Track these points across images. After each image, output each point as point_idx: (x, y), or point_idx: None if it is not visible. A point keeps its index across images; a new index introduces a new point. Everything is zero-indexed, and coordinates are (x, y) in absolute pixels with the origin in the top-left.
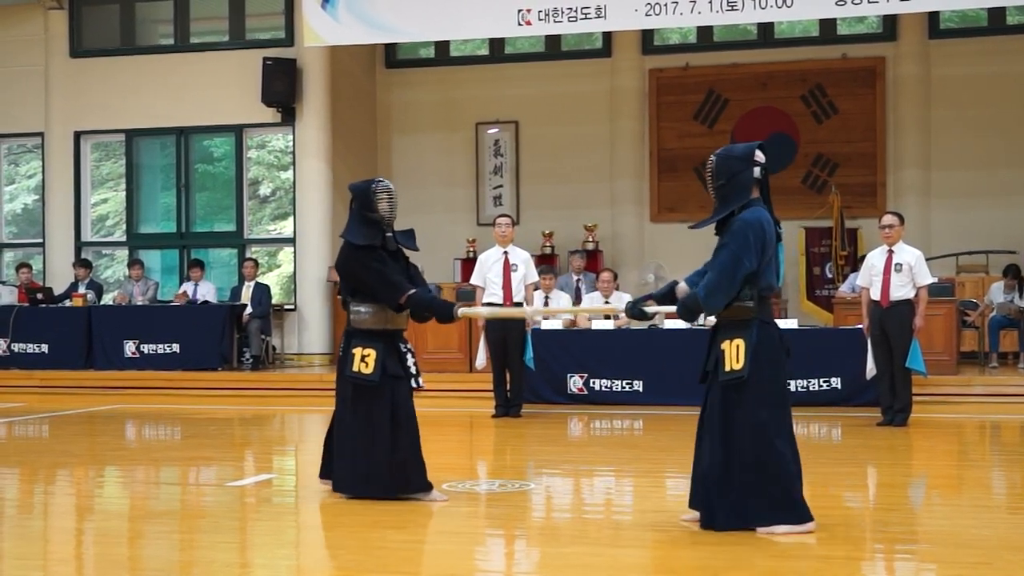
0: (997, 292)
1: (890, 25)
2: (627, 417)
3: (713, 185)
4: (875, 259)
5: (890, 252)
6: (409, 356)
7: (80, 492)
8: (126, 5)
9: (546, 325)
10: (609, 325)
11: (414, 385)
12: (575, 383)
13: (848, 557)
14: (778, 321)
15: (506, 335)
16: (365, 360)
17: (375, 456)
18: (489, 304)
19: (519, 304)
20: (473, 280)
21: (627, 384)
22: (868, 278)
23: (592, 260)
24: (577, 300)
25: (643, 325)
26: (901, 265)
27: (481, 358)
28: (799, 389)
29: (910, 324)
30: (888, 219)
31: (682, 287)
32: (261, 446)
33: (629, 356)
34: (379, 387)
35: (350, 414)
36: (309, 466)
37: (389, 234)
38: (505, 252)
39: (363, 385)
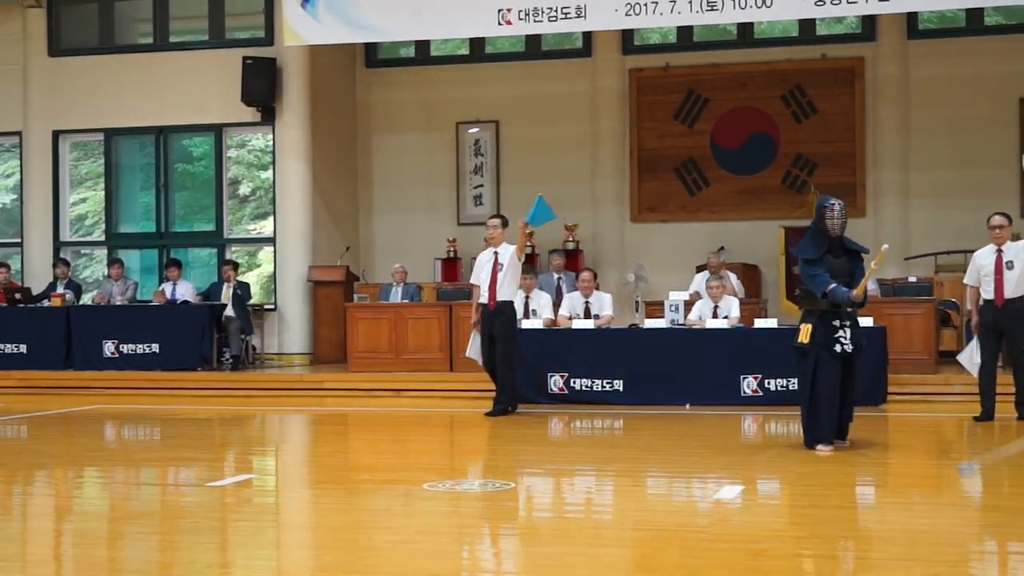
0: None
1: (869, 25)
2: (607, 416)
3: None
4: (983, 259)
5: (999, 251)
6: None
7: (59, 493)
8: (105, 4)
9: (526, 324)
10: (590, 324)
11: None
12: (555, 383)
13: (827, 556)
14: (757, 320)
15: (491, 329)
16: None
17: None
18: (483, 305)
19: (509, 303)
20: (472, 280)
21: (607, 384)
22: (976, 277)
23: (572, 259)
24: (558, 299)
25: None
26: (1012, 263)
27: (470, 350)
28: (779, 388)
29: None
30: (997, 220)
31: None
32: (241, 446)
33: (609, 356)
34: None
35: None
36: (290, 466)
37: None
38: (495, 252)
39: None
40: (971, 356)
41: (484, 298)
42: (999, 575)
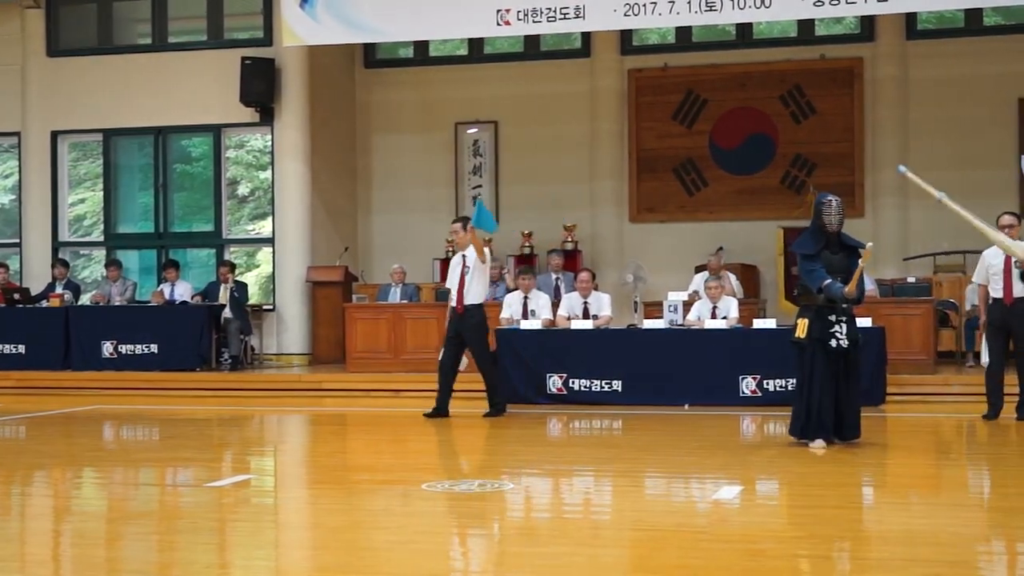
0: (973, 292)
1: (868, 26)
2: (606, 417)
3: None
4: (993, 257)
5: None
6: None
7: (58, 493)
8: (104, 4)
9: (525, 325)
10: (588, 325)
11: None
12: (554, 383)
13: (825, 556)
14: (756, 321)
15: (460, 333)
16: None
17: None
18: (452, 308)
19: (478, 306)
20: (447, 283)
21: (606, 384)
22: (985, 276)
23: (571, 260)
24: (556, 300)
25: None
26: (1022, 261)
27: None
28: (778, 388)
29: None
30: (1007, 219)
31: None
32: (240, 447)
33: (608, 356)
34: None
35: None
36: (288, 466)
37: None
38: (463, 256)
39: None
40: (985, 357)
41: (453, 301)
42: (999, 575)
